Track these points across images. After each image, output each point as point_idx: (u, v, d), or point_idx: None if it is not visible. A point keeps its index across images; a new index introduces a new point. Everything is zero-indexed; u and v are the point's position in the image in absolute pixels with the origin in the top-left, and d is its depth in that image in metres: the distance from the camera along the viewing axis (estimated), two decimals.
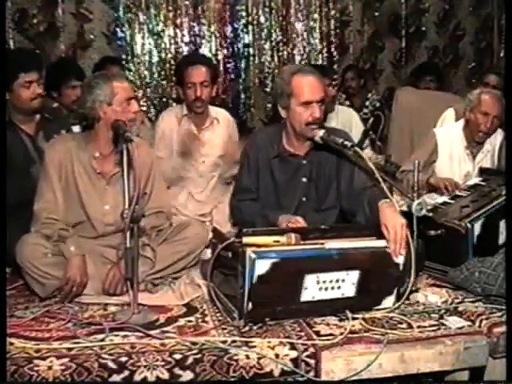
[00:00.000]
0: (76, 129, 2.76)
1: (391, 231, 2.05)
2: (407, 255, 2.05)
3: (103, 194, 2.39)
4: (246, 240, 1.97)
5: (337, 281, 1.99)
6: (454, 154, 3.26)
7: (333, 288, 1.99)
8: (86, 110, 2.32)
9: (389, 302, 2.09)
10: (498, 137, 3.28)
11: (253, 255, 1.87)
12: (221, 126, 3.24)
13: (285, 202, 2.57)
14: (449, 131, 3.35)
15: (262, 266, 1.87)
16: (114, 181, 2.38)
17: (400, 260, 2.05)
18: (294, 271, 1.93)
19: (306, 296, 1.97)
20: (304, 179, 2.56)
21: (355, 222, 2.45)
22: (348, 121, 3.96)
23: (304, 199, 2.57)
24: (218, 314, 2.06)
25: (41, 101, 2.70)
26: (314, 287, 1.96)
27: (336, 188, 2.55)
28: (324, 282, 1.97)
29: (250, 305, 1.90)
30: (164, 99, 5.08)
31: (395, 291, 2.09)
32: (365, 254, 2.03)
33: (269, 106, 5.32)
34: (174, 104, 4.64)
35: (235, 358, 1.75)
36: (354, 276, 2.00)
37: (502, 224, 2.50)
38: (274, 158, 2.55)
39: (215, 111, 3.26)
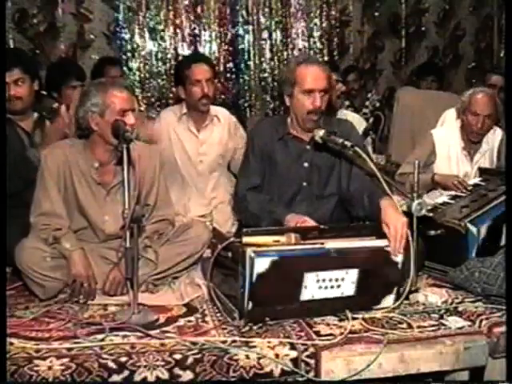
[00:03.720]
0: None
1: (392, 229, 2.05)
2: (406, 254, 2.06)
3: (103, 204, 2.35)
4: (245, 240, 1.97)
5: (336, 280, 1.99)
6: (451, 154, 3.25)
7: (332, 287, 1.99)
8: (79, 119, 2.26)
9: (388, 301, 2.09)
10: (497, 136, 3.27)
11: (252, 254, 1.87)
12: (221, 125, 3.22)
13: (285, 187, 2.58)
14: (445, 132, 3.33)
15: (262, 265, 1.87)
16: (114, 191, 2.34)
17: (399, 259, 2.05)
18: (293, 269, 1.94)
19: (305, 295, 1.97)
20: (306, 164, 2.57)
21: (352, 212, 2.50)
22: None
23: (305, 184, 2.59)
24: (218, 314, 2.06)
25: (19, 102, 2.65)
26: (314, 286, 1.97)
27: (337, 175, 2.57)
28: (324, 280, 1.97)
29: (250, 304, 1.90)
30: (164, 99, 5.07)
31: (395, 290, 2.09)
32: (364, 252, 2.03)
33: (269, 103, 5.32)
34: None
35: (235, 358, 1.75)
36: (353, 274, 2.00)
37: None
38: (279, 140, 2.58)
39: (215, 110, 3.25)
